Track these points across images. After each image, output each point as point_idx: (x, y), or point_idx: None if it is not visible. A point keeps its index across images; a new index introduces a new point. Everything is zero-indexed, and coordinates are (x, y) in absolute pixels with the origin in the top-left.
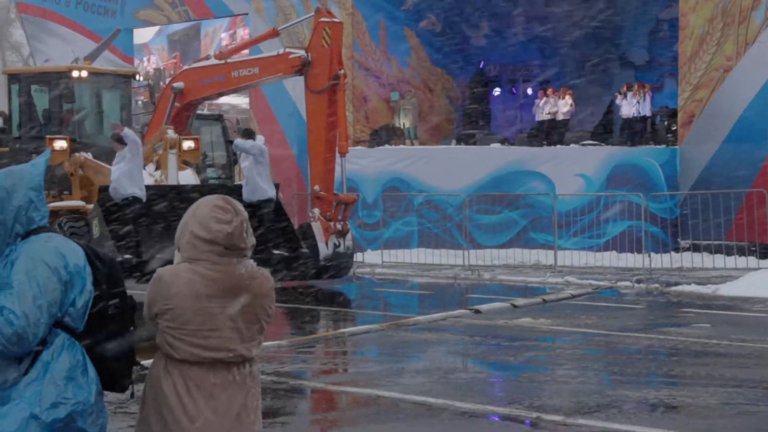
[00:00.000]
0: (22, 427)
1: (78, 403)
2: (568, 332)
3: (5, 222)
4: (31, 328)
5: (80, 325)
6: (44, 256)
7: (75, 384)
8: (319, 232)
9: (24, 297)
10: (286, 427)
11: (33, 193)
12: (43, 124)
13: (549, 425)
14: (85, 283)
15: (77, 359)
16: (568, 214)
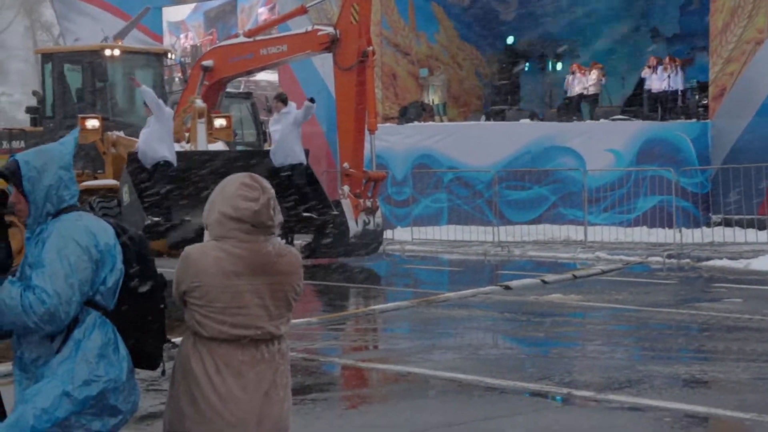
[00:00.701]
0: (55, 405)
1: (110, 381)
2: (598, 308)
3: (36, 201)
4: (63, 306)
5: (111, 303)
6: (75, 234)
7: (107, 362)
8: (349, 209)
9: (56, 276)
10: (317, 404)
11: (63, 171)
12: (76, 103)
13: (579, 401)
14: (115, 262)
15: (108, 337)
16: (599, 189)
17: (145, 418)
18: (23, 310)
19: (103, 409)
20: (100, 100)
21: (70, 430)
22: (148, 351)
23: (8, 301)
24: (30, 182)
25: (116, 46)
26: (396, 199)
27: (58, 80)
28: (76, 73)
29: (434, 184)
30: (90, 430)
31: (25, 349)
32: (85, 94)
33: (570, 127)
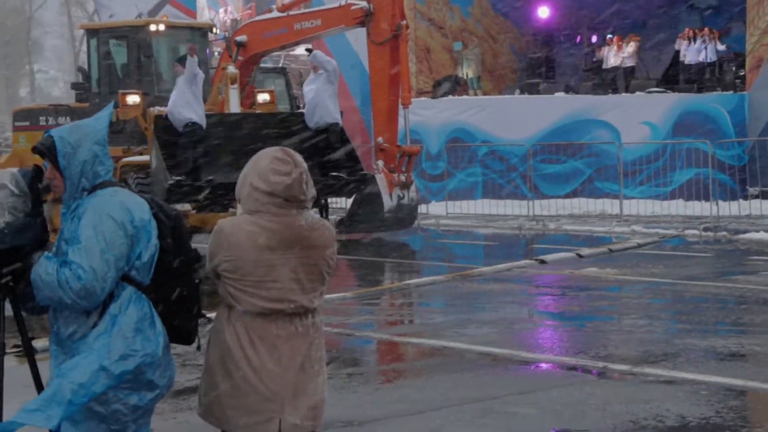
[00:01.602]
0: (92, 379)
1: (146, 355)
2: (634, 281)
3: (72, 177)
4: (99, 282)
5: (146, 279)
6: (110, 210)
7: (143, 336)
8: (383, 184)
9: (91, 251)
10: (352, 378)
11: (97, 147)
12: (121, 78)
13: (616, 375)
14: (150, 237)
15: (144, 312)
16: (634, 162)
17: (181, 393)
18: (59, 285)
19: (140, 384)
20: (144, 75)
21: (108, 404)
22: (183, 326)
23: (44, 276)
24: (65, 158)
25: (161, 21)
26: (430, 173)
27: (103, 56)
28: (121, 49)
29: (469, 158)
30: (127, 404)
31: (61, 324)
32: (130, 69)
33: (605, 100)
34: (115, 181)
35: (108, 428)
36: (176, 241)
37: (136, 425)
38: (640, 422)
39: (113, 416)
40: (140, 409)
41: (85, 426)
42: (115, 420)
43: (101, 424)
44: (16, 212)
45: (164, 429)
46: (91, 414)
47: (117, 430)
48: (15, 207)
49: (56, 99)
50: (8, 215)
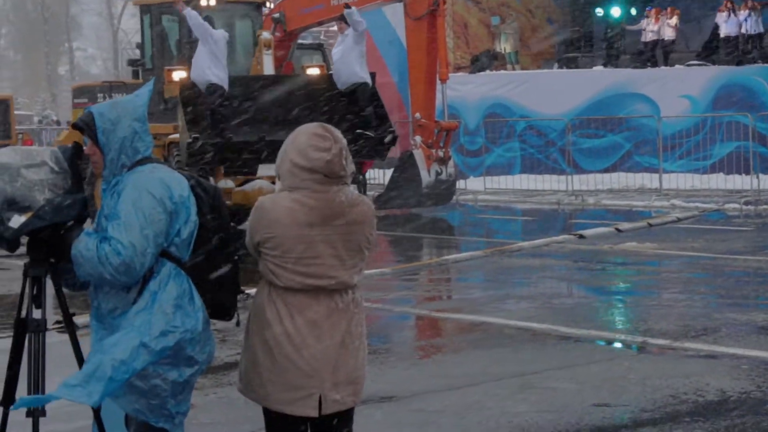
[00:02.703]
0: (133, 356)
1: (186, 331)
2: (674, 256)
3: (111, 153)
4: (138, 257)
5: (185, 255)
6: (150, 186)
7: (183, 312)
8: (421, 159)
9: (131, 227)
10: (391, 354)
11: (137, 123)
12: (174, 54)
13: (655, 349)
14: (189, 214)
15: (183, 288)
16: (674, 136)
17: (221, 368)
18: (99, 261)
19: (180, 359)
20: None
21: (148, 379)
22: (222, 302)
23: (85, 252)
24: (105, 134)
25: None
26: (468, 148)
27: (156, 32)
28: (173, 24)
29: (507, 133)
30: (167, 380)
31: (101, 300)
32: (182, 45)
33: (644, 73)
34: (154, 158)
35: (148, 403)
36: (215, 217)
37: (176, 400)
38: (680, 397)
39: (152, 391)
40: (179, 385)
41: (124, 400)
42: (155, 395)
43: (141, 399)
44: (56, 189)
45: (205, 404)
46: (131, 388)
47: (156, 405)
48: (55, 184)
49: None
50: (48, 192)
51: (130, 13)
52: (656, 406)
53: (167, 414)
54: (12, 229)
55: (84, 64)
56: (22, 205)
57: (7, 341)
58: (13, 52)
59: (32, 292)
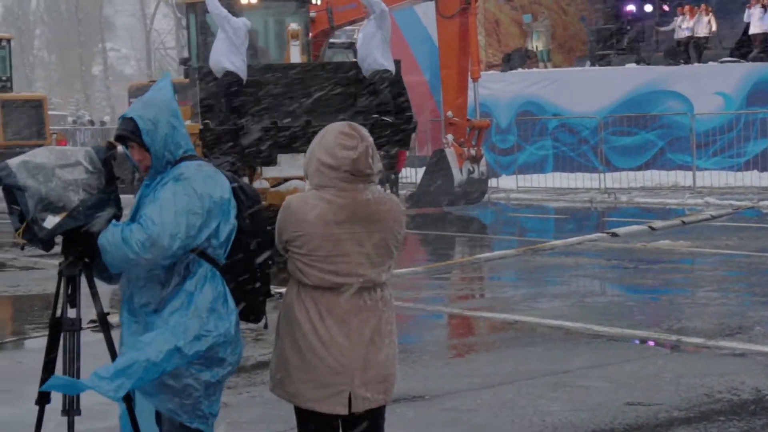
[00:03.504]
0: (166, 359)
1: (219, 335)
2: (708, 254)
3: (157, 152)
4: (166, 237)
5: (222, 257)
6: (193, 181)
7: (217, 315)
8: (453, 158)
9: (166, 209)
10: (423, 352)
11: (173, 119)
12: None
13: (689, 348)
14: (229, 216)
15: (219, 290)
16: (707, 133)
17: (254, 368)
18: (123, 240)
19: (213, 361)
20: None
21: (181, 378)
22: (252, 305)
23: (109, 237)
24: (149, 135)
25: None
26: (500, 147)
27: (201, 30)
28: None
29: (539, 131)
30: (199, 380)
31: (134, 292)
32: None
33: (677, 70)
34: (197, 156)
35: (181, 402)
36: (254, 221)
37: (209, 401)
38: (715, 396)
39: (185, 391)
40: (212, 385)
41: (157, 398)
42: (188, 395)
43: (174, 398)
44: (91, 189)
45: (237, 403)
46: (164, 387)
47: (190, 405)
48: (89, 184)
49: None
50: (83, 192)
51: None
52: (690, 405)
53: (201, 414)
54: (46, 229)
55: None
56: (57, 205)
57: (42, 340)
58: (48, 53)
59: (67, 291)
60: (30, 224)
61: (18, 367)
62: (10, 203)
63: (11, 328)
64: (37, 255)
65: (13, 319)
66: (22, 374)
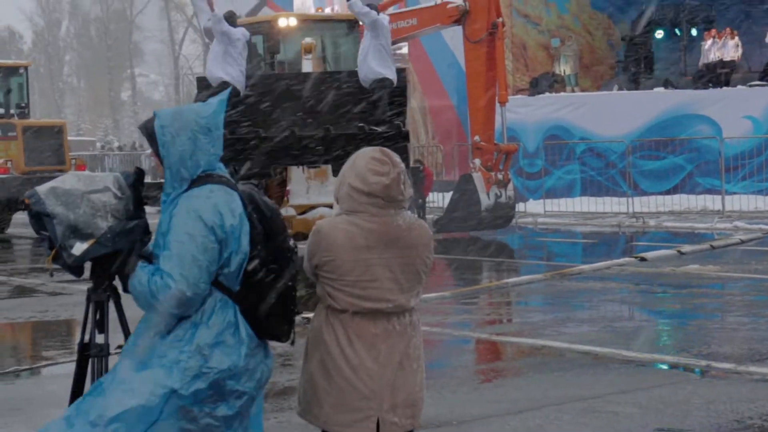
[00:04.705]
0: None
1: (222, 372)
2: (737, 278)
3: (171, 166)
4: (191, 288)
5: (235, 285)
6: (202, 212)
7: (222, 349)
8: (481, 182)
9: (182, 258)
10: (451, 378)
11: (201, 136)
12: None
13: (719, 373)
14: (240, 244)
15: (228, 321)
16: (736, 157)
17: (281, 393)
18: (151, 295)
19: (224, 394)
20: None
21: (197, 420)
22: (276, 330)
23: (138, 287)
24: (164, 147)
25: (293, 15)
26: (528, 171)
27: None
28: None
29: (566, 155)
30: (217, 416)
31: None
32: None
33: (705, 94)
34: (218, 176)
35: None
36: (269, 245)
37: (233, 430)
38: (745, 421)
39: (207, 430)
40: (231, 418)
41: None
42: None
43: None
44: (119, 215)
45: (266, 428)
46: None
47: None
48: (117, 210)
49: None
50: (111, 218)
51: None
52: (720, 431)
53: None
54: (74, 256)
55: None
56: (85, 232)
57: (70, 366)
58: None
59: (95, 316)
60: (59, 251)
61: (46, 393)
62: (39, 230)
63: (40, 354)
64: (66, 280)
65: (41, 344)
66: (50, 400)
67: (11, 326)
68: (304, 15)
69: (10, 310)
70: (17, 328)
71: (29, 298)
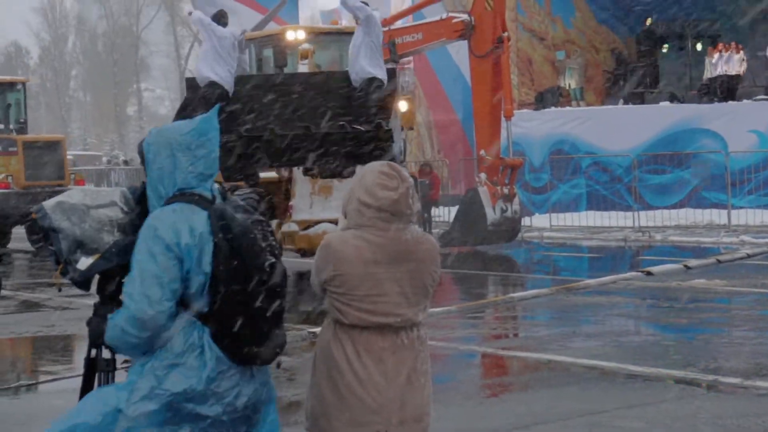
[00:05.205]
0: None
1: (177, 394)
2: (744, 293)
3: (151, 182)
4: (152, 307)
5: (202, 306)
6: (161, 230)
7: (181, 371)
8: (486, 197)
9: (143, 277)
10: (458, 392)
11: (179, 153)
12: None
13: (726, 388)
14: (200, 264)
15: (191, 343)
16: (742, 171)
17: (288, 408)
18: (122, 332)
19: (183, 417)
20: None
21: None
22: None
23: (111, 334)
24: (148, 164)
25: (301, 28)
26: (534, 185)
27: (257, 65)
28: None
29: (572, 169)
30: None
31: None
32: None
33: (711, 108)
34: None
35: None
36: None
37: None
38: None
39: None
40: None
41: None
42: None
43: None
44: (125, 230)
45: None
46: None
47: None
48: (124, 224)
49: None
50: (117, 233)
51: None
52: None
53: None
54: (79, 270)
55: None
56: (90, 246)
57: (76, 381)
58: (83, 94)
59: None
60: (65, 265)
61: (51, 407)
62: (47, 245)
63: (45, 369)
64: (72, 295)
65: (47, 359)
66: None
67: (17, 341)
68: (312, 28)
69: (17, 324)
70: (23, 343)
71: (35, 313)
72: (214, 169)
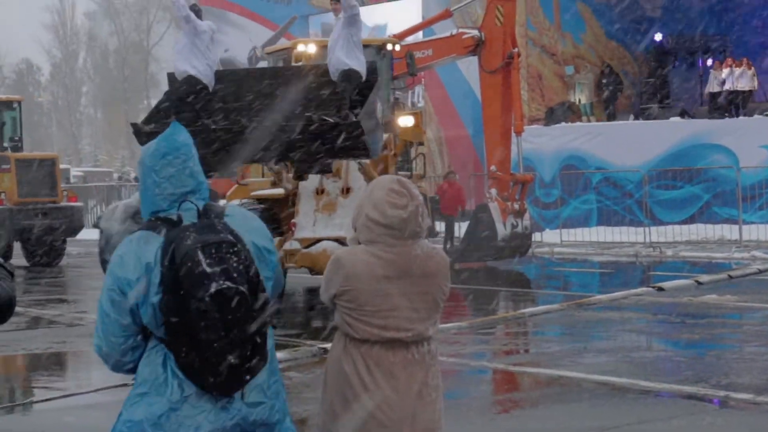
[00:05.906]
0: None
1: (133, 424)
2: (755, 308)
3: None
4: (104, 342)
5: (161, 333)
6: (112, 264)
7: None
8: (497, 212)
9: (99, 312)
10: (469, 408)
11: (153, 174)
12: None
13: (738, 404)
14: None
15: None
16: (753, 186)
17: (298, 423)
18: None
19: None
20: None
21: None
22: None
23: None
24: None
25: (311, 41)
26: (544, 201)
27: None
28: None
29: (583, 185)
30: None
31: None
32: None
33: (722, 124)
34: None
35: None
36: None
37: None
38: None
39: None
40: None
41: None
42: None
43: None
44: None
45: None
46: None
47: None
48: None
49: None
50: None
51: None
52: None
53: None
54: None
55: None
56: None
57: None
58: (94, 110)
59: None
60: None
61: (62, 425)
62: None
63: (57, 385)
64: (83, 311)
65: (58, 376)
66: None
67: (29, 357)
68: (322, 41)
69: (28, 341)
70: (35, 360)
71: (47, 329)
72: (189, 186)
